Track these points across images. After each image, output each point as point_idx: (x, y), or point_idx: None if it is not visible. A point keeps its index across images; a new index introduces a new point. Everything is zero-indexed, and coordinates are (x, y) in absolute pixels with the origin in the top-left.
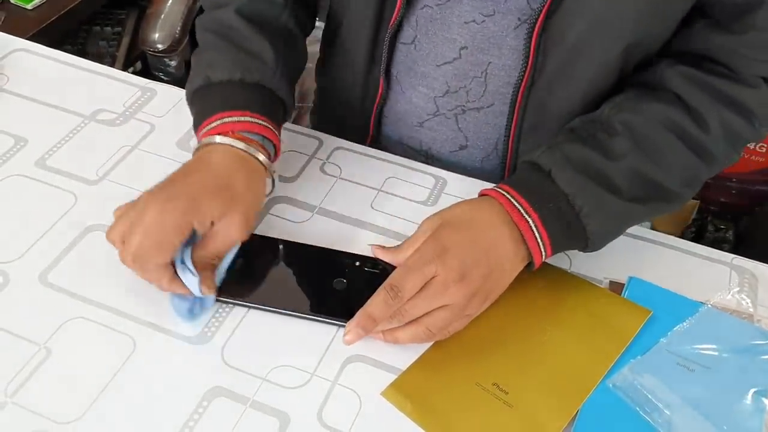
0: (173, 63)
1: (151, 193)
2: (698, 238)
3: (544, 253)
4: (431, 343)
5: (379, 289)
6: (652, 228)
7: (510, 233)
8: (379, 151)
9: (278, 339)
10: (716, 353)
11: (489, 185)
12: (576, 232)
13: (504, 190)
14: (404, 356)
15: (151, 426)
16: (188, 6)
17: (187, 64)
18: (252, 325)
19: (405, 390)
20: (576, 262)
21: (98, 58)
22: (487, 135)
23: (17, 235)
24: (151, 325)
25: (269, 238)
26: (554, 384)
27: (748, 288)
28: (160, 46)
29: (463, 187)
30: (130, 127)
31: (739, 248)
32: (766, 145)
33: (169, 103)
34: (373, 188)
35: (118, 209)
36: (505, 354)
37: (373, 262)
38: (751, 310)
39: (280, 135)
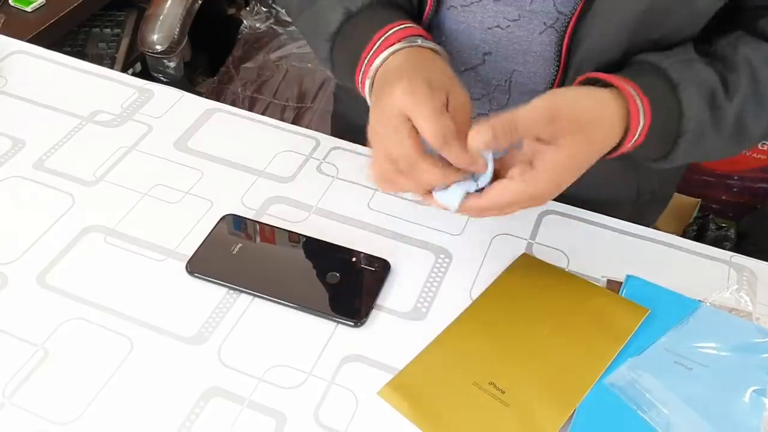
0: (172, 64)
1: (381, 96)
2: (700, 236)
3: (626, 151)
4: (427, 343)
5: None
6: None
7: (617, 129)
8: None
9: (275, 339)
10: (715, 351)
11: None
12: (664, 147)
13: (631, 87)
14: (401, 356)
15: (148, 426)
16: (187, 7)
17: (186, 66)
18: (248, 325)
19: (402, 389)
20: (574, 260)
21: (98, 60)
22: None
23: (15, 237)
24: (148, 326)
25: (270, 225)
26: (551, 383)
27: (746, 286)
28: (159, 48)
29: None
30: (128, 129)
31: (740, 246)
32: (767, 143)
33: (167, 104)
34: (370, 188)
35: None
36: (502, 353)
37: (369, 258)
38: (750, 308)
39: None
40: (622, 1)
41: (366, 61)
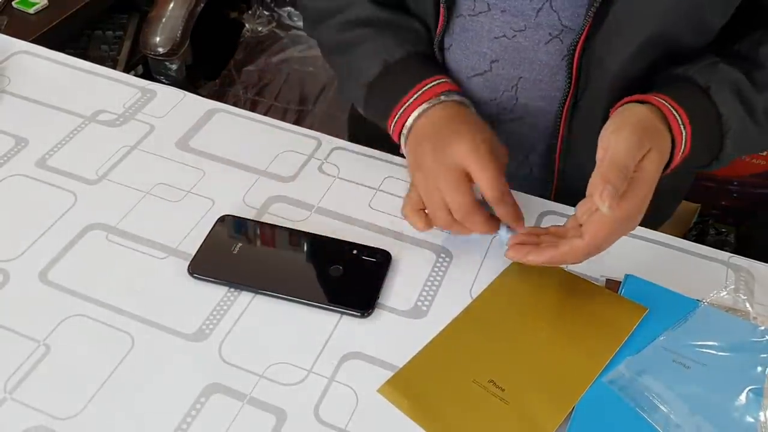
0: (174, 66)
1: (419, 163)
2: (699, 241)
3: (678, 162)
4: (428, 341)
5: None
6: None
7: (669, 141)
8: (377, 151)
9: (275, 336)
10: (712, 351)
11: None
12: (711, 150)
13: (665, 101)
14: (401, 353)
15: (149, 421)
16: (189, 10)
17: (188, 68)
18: (249, 322)
19: (402, 387)
20: None
21: (100, 62)
22: (520, 144)
23: (18, 234)
24: (149, 322)
25: (269, 224)
26: (550, 381)
27: (744, 286)
28: (161, 50)
29: None
30: (130, 128)
31: (740, 251)
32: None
33: (169, 104)
34: (372, 188)
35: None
36: (502, 351)
37: (371, 250)
38: (748, 307)
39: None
40: (635, 20)
41: (402, 111)
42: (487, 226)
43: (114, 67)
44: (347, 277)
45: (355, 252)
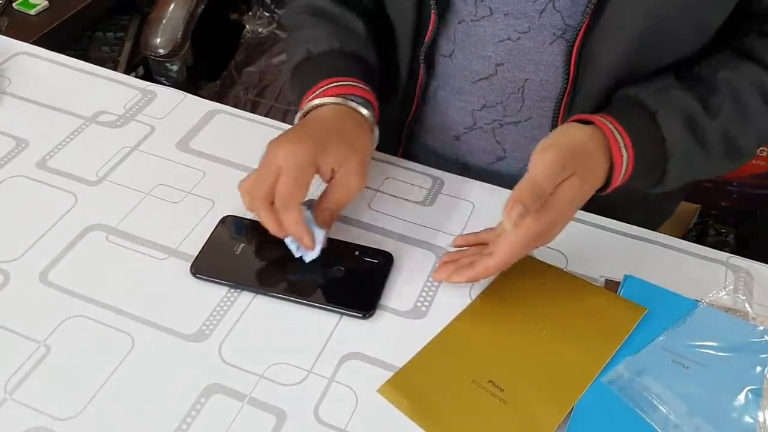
0: (174, 68)
1: (277, 140)
2: (699, 241)
3: (619, 183)
4: (427, 342)
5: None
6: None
7: (604, 162)
8: (377, 152)
9: (275, 336)
10: (712, 351)
11: (503, 190)
12: (655, 173)
13: (610, 122)
14: (401, 354)
15: (149, 422)
16: (190, 11)
17: (189, 69)
18: (249, 322)
19: (401, 387)
20: (572, 261)
21: (100, 63)
22: (526, 146)
23: (18, 235)
24: (149, 323)
25: None
26: (550, 381)
27: (743, 286)
28: (161, 51)
29: (461, 188)
30: (131, 129)
31: (740, 252)
32: (767, 150)
33: (169, 105)
34: (372, 189)
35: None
36: (501, 351)
37: (373, 252)
38: (747, 308)
39: (377, 102)
40: (630, 15)
41: (308, 101)
42: (294, 229)
43: (115, 69)
44: (349, 278)
45: (357, 253)
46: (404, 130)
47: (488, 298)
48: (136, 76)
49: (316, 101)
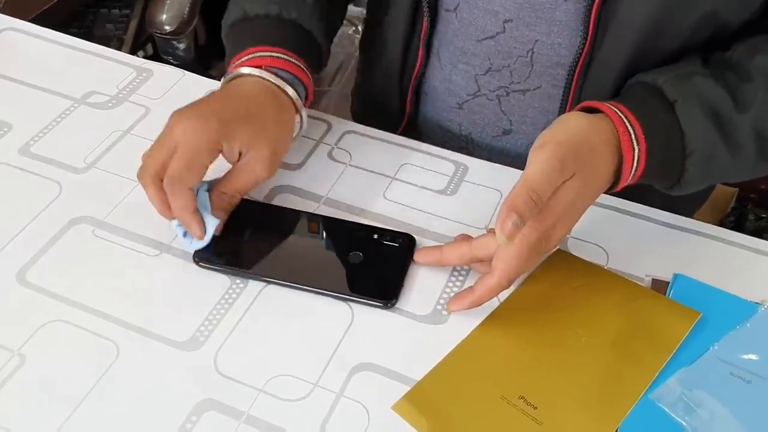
0: (182, 46)
1: (180, 112)
2: (738, 227)
3: (629, 182)
4: (449, 351)
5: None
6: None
7: (611, 158)
8: (394, 135)
9: (277, 345)
10: None
11: (516, 171)
12: (672, 173)
13: (620, 111)
14: (418, 365)
15: None
16: None
17: (201, 48)
18: (248, 329)
19: (419, 403)
20: (614, 257)
21: (105, 42)
22: (534, 119)
23: None
24: (136, 329)
25: (279, 207)
26: (590, 398)
27: None
28: (167, 28)
29: (486, 174)
30: (123, 111)
31: None
32: None
33: (166, 84)
34: (387, 176)
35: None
36: (533, 363)
37: (392, 234)
38: None
39: (312, 79)
40: None
41: (233, 66)
42: (180, 215)
43: (120, 47)
44: (368, 264)
45: (376, 236)
46: (408, 94)
47: (518, 301)
48: (144, 56)
49: (242, 69)
